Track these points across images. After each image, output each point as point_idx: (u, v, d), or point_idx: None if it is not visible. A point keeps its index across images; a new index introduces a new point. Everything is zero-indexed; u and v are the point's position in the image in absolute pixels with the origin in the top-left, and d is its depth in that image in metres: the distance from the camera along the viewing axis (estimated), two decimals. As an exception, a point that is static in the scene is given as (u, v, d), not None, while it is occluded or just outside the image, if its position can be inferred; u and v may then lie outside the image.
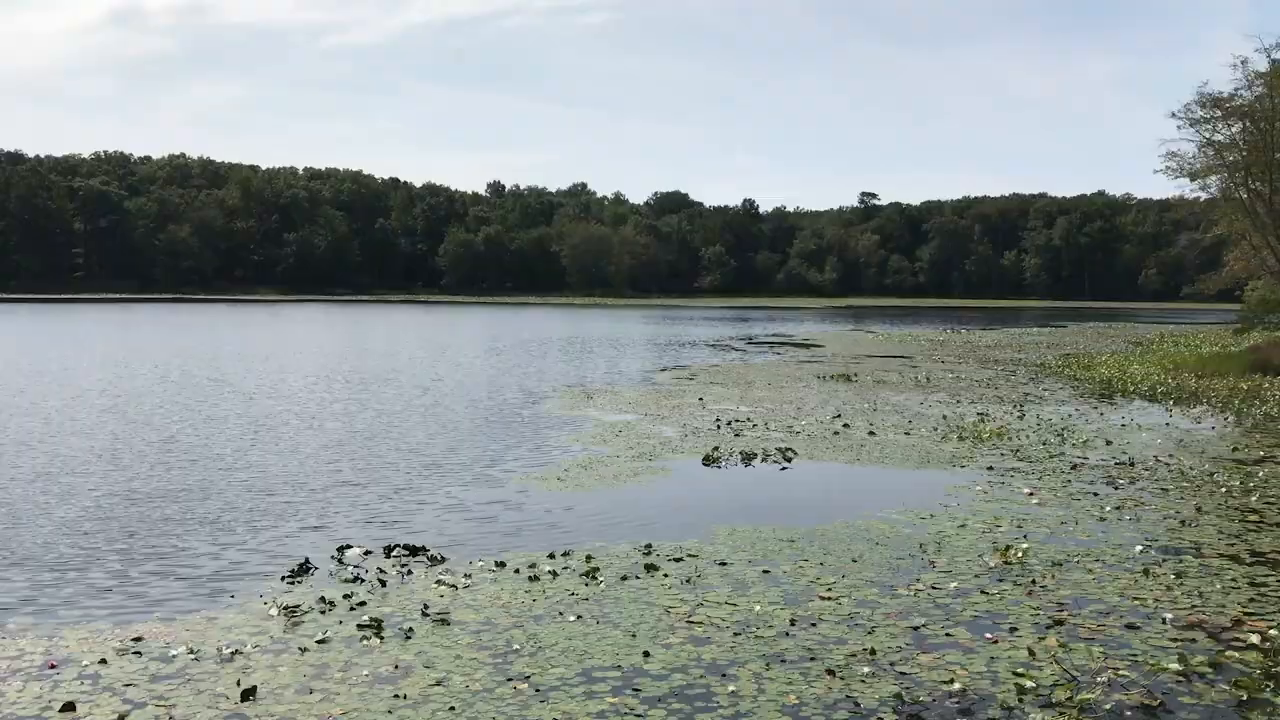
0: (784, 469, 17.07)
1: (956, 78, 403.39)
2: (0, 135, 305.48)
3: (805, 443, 19.57)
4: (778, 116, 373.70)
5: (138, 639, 8.54)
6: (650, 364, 40.59)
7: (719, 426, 21.68)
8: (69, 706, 7.17)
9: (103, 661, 8.03)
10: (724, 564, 10.96)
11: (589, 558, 11.13)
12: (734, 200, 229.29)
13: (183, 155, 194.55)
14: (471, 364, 39.01)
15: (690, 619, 9.11)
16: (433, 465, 17.08)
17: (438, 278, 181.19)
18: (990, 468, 16.96)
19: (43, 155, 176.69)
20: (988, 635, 8.68)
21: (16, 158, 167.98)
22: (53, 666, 7.96)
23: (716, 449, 18.60)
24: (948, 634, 8.73)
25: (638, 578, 10.43)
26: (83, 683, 7.62)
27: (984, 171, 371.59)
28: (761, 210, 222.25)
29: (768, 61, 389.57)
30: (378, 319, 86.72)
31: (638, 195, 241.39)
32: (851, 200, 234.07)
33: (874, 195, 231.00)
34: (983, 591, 9.96)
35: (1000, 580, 10.37)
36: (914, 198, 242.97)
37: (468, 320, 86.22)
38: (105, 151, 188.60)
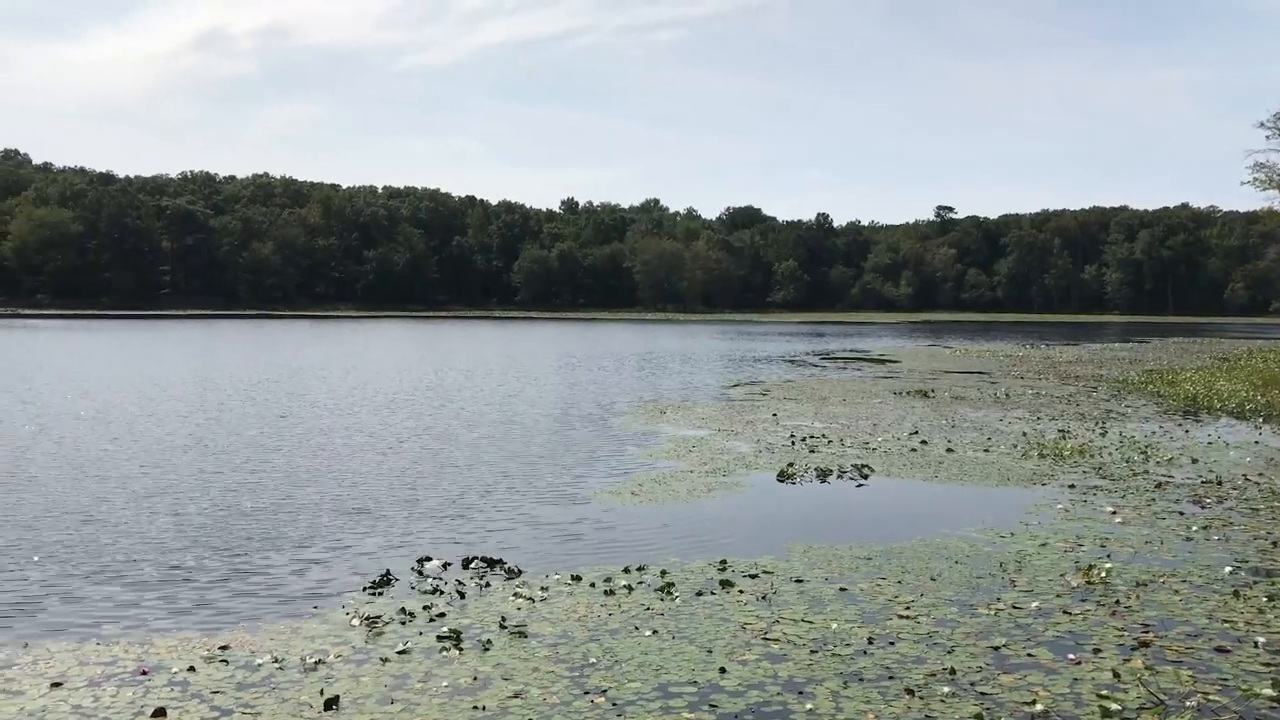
0: (860, 486, 16.93)
1: (1035, 90, 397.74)
2: (92, 157, 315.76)
3: (882, 459, 19.39)
4: (851, 130, 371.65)
5: (225, 647, 8.75)
6: (723, 379, 40.52)
7: (793, 442, 21.57)
8: (160, 712, 7.38)
9: (191, 669, 8.25)
10: (800, 581, 10.91)
11: (664, 573, 11.15)
12: (807, 215, 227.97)
13: (265, 175, 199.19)
14: (546, 379, 39.30)
15: (766, 636, 9.09)
16: (509, 479, 17.25)
17: (512, 294, 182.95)
18: (1072, 486, 16.65)
19: (132, 176, 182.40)
20: (1070, 656, 8.52)
21: (108, 178, 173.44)
22: (144, 673, 8.19)
23: (791, 465, 18.51)
24: (1029, 654, 8.59)
25: (713, 593, 10.43)
26: (172, 689, 7.84)
27: (1063, 184, 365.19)
28: (835, 224, 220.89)
29: (840, 75, 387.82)
30: (454, 335, 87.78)
31: (710, 210, 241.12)
32: (927, 214, 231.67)
33: (950, 209, 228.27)
34: (1065, 611, 9.78)
35: (1083, 600, 10.17)
36: (991, 211, 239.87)
37: (541, 336, 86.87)
38: (191, 171, 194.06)
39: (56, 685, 7.88)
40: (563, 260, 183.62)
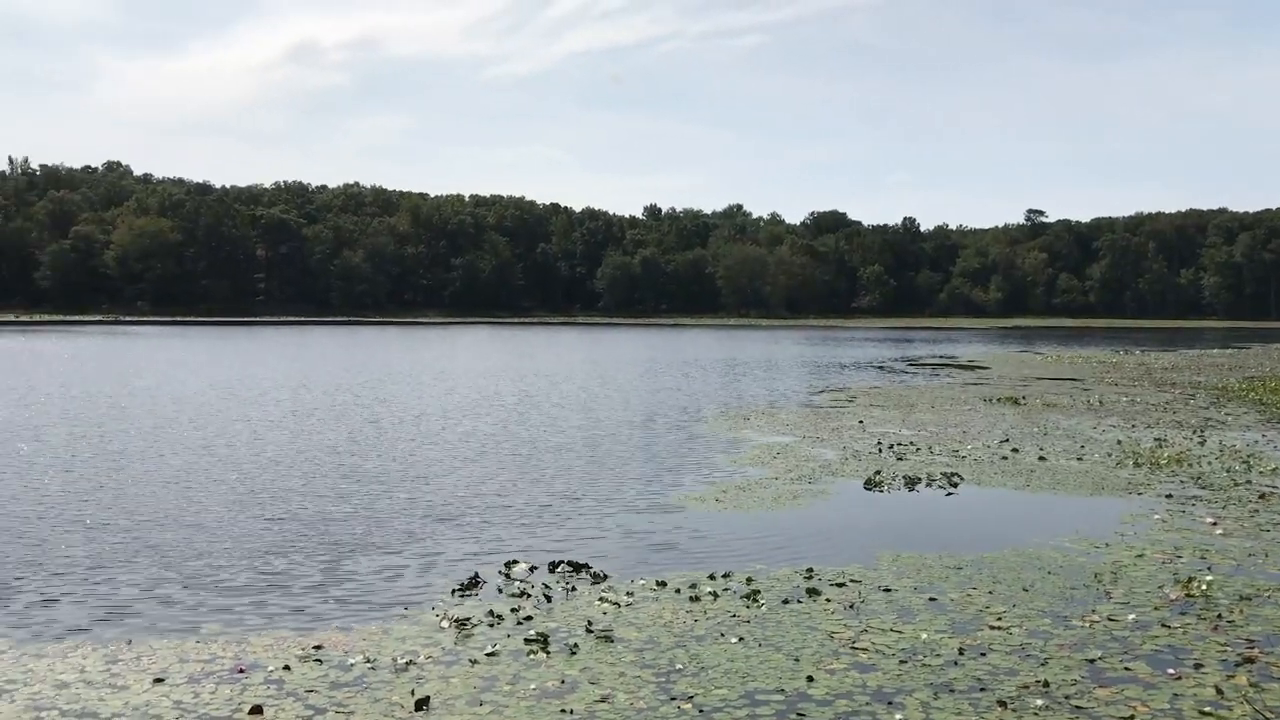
0: (949, 494, 16.68)
1: (1128, 90, 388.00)
2: (191, 167, 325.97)
3: (971, 467, 19.08)
4: (938, 133, 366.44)
5: (318, 647, 8.94)
6: (808, 385, 40.24)
7: (880, 450, 21.33)
8: (257, 709, 7.57)
9: (286, 668, 8.44)
10: (888, 590, 10.78)
11: (749, 580, 11.11)
12: (893, 219, 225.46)
13: (356, 184, 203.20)
14: (629, 385, 39.44)
15: (854, 645, 9.00)
16: (593, 484, 17.34)
17: (595, 300, 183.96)
18: (1169, 495, 16.19)
19: (228, 186, 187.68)
20: (1170, 671, 8.29)
21: (205, 188, 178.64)
22: (241, 671, 8.41)
23: (878, 473, 18.31)
24: (1126, 668, 8.37)
25: (799, 601, 10.36)
26: (268, 687, 8.03)
27: (1158, 187, 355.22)
28: (922, 228, 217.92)
29: (927, 77, 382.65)
30: (539, 341, 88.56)
31: (794, 215, 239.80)
32: (1017, 217, 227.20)
33: (1041, 212, 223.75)
34: (1163, 625, 9.52)
35: (1182, 613, 9.89)
36: (1083, 214, 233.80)
37: (625, 341, 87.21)
38: (285, 181, 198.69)
39: (159, 681, 8.13)
40: (646, 266, 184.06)
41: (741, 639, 9.15)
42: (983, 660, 8.57)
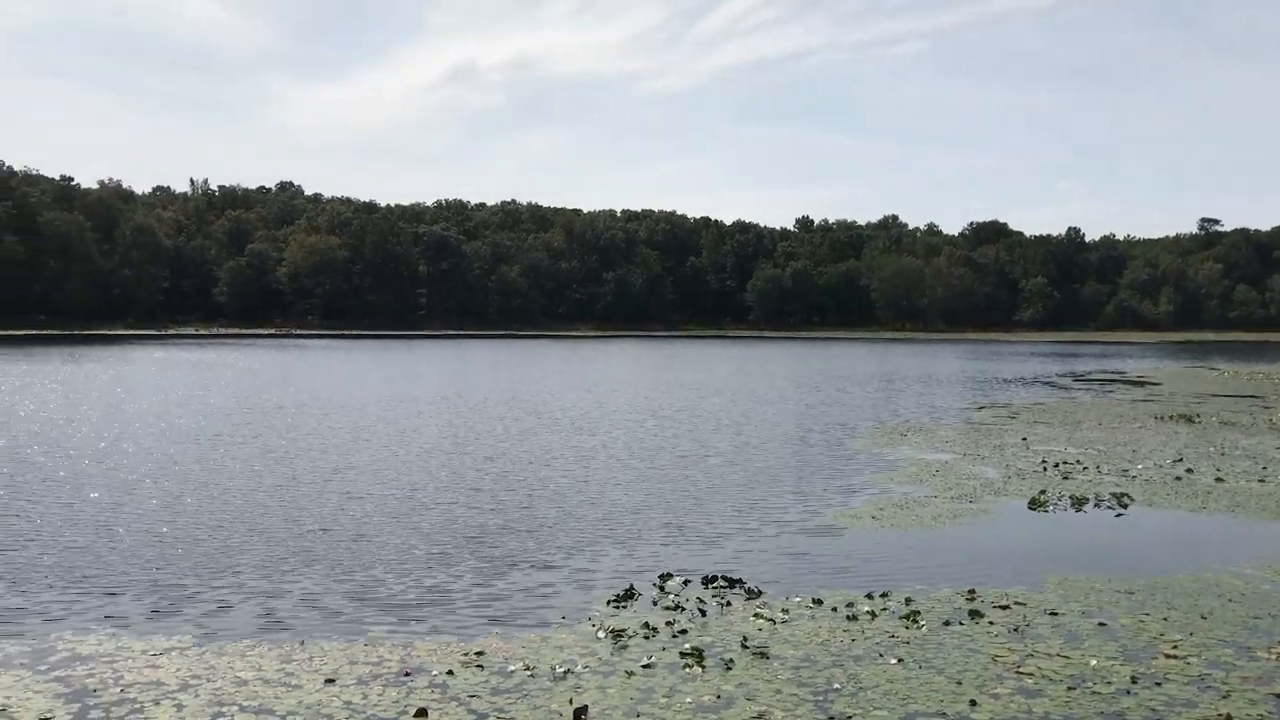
0: (1119, 515, 16.00)
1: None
2: (358, 186, 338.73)
3: (1142, 488, 18.26)
4: (1104, 140, 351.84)
5: (480, 653, 9.17)
6: (967, 401, 39.20)
7: (1045, 468, 20.62)
8: (422, 713, 7.81)
9: (450, 672, 8.68)
10: (1054, 614, 10.41)
11: (908, 600, 10.89)
12: (1057, 229, 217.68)
13: (513, 201, 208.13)
14: (782, 399, 39.15)
15: (1019, 669, 8.72)
16: (746, 499, 17.28)
17: (746, 312, 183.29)
18: (1365, 522, 15.15)
19: (392, 204, 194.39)
20: (1368, 710, 7.75)
21: (370, 207, 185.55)
22: (407, 674, 8.68)
23: (1043, 492, 17.70)
24: (1319, 705, 7.87)
25: (961, 623, 10.09)
26: (433, 691, 8.27)
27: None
28: (1088, 238, 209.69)
29: (1092, 82, 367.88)
30: (689, 354, 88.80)
31: (952, 226, 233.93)
32: (1189, 227, 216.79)
33: (1216, 221, 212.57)
34: (1360, 660, 8.91)
35: (1382, 649, 9.23)
36: (1262, 223, 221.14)
37: (776, 355, 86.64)
38: (445, 199, 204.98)
39: (330, 682, 8.47)
40: (797, 279, 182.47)
41: (901, 660, 8.97)
42: (1158, 690, 8.19)
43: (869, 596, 11.07)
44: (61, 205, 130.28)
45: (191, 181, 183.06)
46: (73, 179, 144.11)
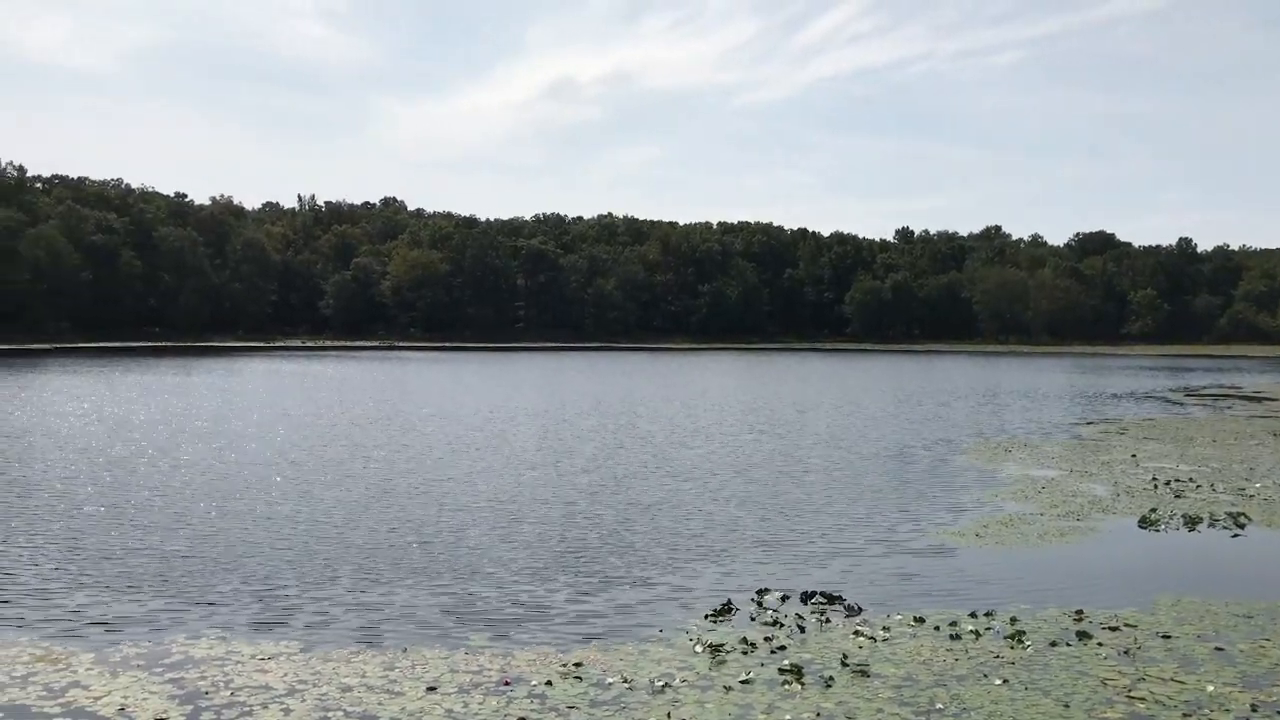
0: (1236, 536, 15.42)
1: None
2: (458, 201, 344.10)
3: (1261, 507, 17.57)
4: (1217, 147, 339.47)
5: (578, 664, 9.21)
6: (1073, 416, 38.19)
7: (1156, 486, 19.99)
8: (522, 722, 7.88)
9: (549, 683, 8.74)
10: (1167, 637, 10.07)
11: (1013, 620, 10.64)
12: (1167, 239, 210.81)
13: (609, 214, 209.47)
14: (882, 413, 38.61)
15: (1130, 693, 8.45)
16: (846, 514, 17.09)
17: (843, 325, 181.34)
18: None
19: (491, 219, 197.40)
20: None
21: (471, 222, 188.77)
22: (507, 684, 8.77)
23: (1154, 511, 17.16)
24: None
25: (1069, 644, 9.82)
26: (532, 701, 8.33)
27: None
28: (1199, 249, 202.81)
29: (1203, 88, 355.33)
30: (786, 367, 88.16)
31: (1056, 237, 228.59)
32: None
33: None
34: None
35: None
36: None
37: (875, 368, 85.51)
38: (543, 213, 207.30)
39: (431, 690, 8.59)
40: (896, 291, 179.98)
41: (1006, 681, 8.76)
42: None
43: (972, 615, 10.84)
44: (175, 221, 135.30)
45: (299, 197, 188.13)
46: (186, 195, 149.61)
